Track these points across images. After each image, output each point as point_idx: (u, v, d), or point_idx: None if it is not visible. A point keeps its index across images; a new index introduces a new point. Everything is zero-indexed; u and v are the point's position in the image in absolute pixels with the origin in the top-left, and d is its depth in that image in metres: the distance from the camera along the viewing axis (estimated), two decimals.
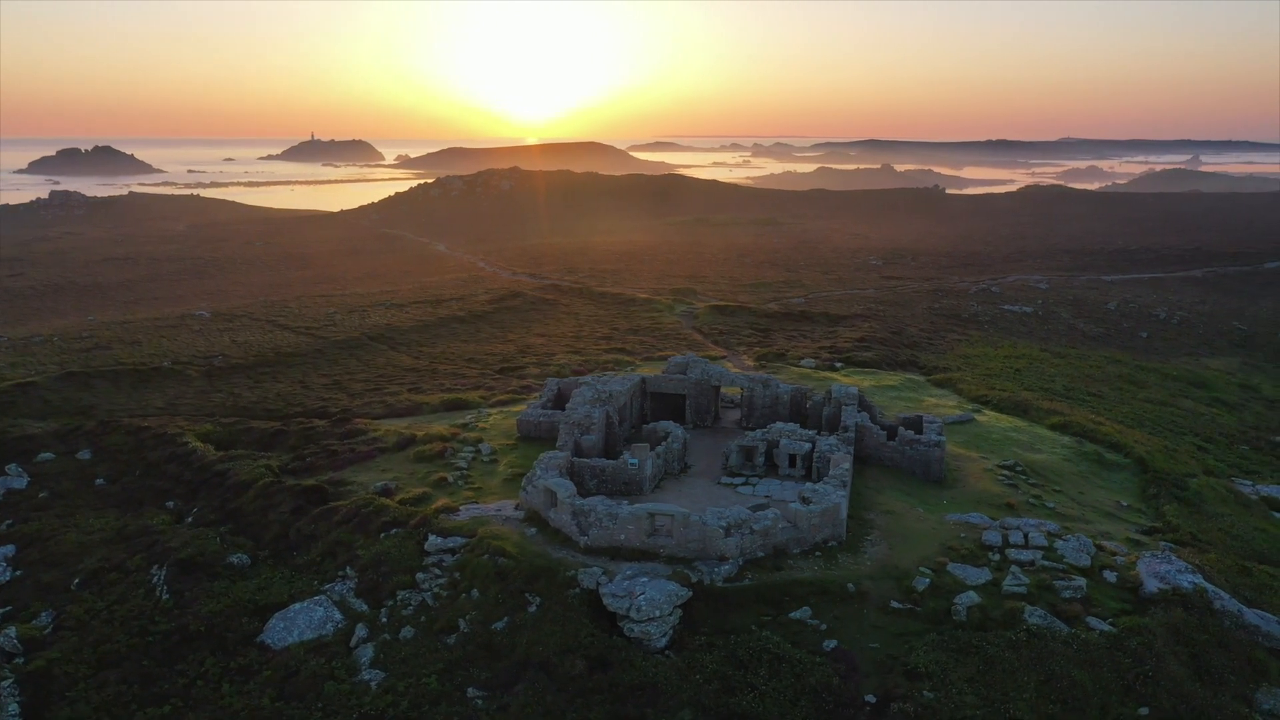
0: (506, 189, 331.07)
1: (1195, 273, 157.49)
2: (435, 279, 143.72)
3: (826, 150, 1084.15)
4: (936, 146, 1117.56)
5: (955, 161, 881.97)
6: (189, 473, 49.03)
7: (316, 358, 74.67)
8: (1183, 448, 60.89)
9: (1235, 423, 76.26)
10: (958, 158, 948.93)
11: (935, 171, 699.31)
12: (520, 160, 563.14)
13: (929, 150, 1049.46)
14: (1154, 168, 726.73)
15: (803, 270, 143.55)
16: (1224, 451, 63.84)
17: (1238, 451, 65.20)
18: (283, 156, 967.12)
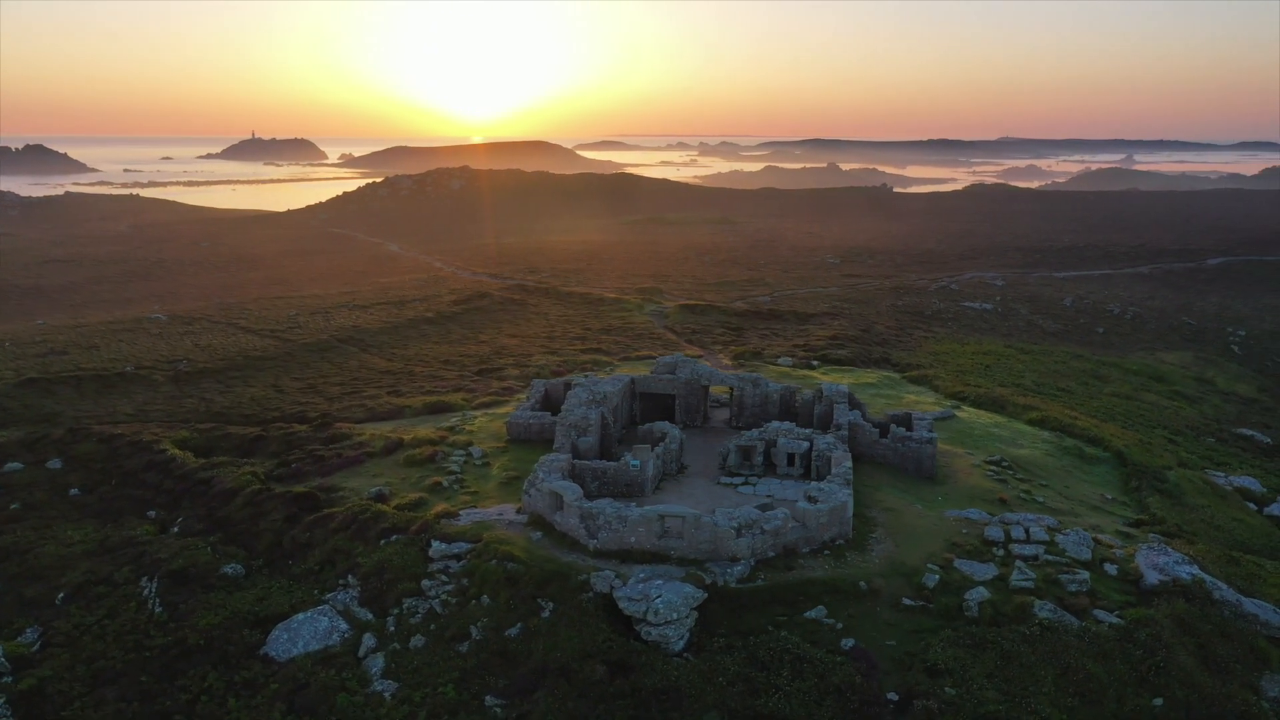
0: (457, 188, 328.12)
1: (1142, 269, 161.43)
2: (393, 279, 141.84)
3: (772, 149, 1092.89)
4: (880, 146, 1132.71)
5: (899, 160, 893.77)
6: (169, 481, 47.64)
7: (287, 361, 73.12)
8: (1155, 441, 62.24)
9: (1197, 415, 78.23)
10: (901, 157, 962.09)
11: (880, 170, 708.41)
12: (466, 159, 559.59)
13: (873, 149, 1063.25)
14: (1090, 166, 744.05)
15: (764, 269, 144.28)
16: (1193, 444, 65.39)
17: (1205, 444, 66.85)
18: (223, 155, 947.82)
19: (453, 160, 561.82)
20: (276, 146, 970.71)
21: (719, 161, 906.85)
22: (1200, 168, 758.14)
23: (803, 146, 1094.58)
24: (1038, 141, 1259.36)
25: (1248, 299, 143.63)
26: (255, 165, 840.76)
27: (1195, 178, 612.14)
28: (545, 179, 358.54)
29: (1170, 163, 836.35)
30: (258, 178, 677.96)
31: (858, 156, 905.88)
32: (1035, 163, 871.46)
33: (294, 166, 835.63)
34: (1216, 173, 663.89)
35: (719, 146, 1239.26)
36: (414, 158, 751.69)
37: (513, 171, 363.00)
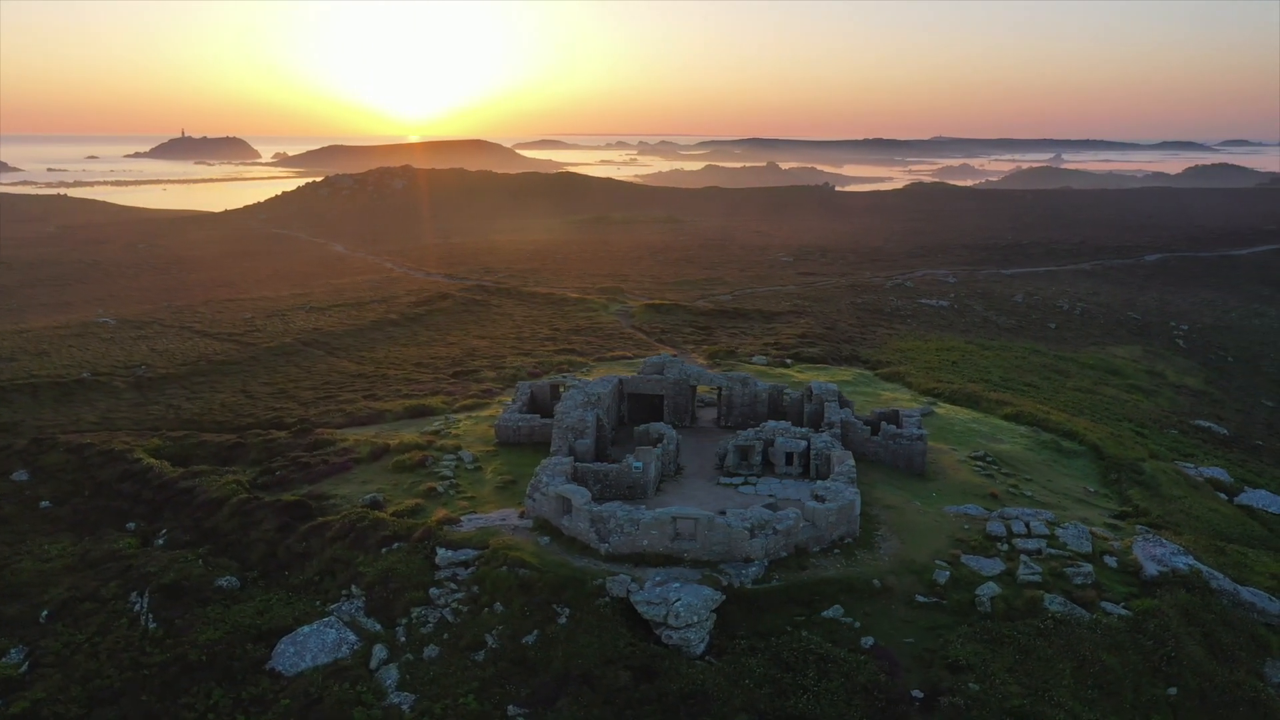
0: (399, 188, 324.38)
1: (1084, 266, 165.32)
2: (346, 281, 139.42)
3: (711, 148, 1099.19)
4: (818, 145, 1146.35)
5: (836, 159, 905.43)
6: (148, 491, 46.05)
7: (252, 365, 71.25)
8: (1124, 434, 63.65)
9: (1154, 408, 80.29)
10: (839, 156, 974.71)
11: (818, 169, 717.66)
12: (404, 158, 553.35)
13: (811, 148, 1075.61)
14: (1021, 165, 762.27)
15: (720, 268, 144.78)
16: (1158, 436, 67.05)
17: (1169, 436, 68.61)
18: (151, 154, 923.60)
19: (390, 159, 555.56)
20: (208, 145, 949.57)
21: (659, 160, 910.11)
22: (1126, 166, 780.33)
23: (742, 145, 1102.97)
24: (970, 141, 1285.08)
25: (1186, 294, 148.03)
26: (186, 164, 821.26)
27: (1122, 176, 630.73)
28: (489, 178, 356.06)
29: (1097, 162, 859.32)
30: (189, 177, 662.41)
31: (796, 156, 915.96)
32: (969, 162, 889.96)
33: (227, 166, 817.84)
34: (1142, 171, 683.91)
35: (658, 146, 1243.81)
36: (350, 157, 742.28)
37: (456, 171, 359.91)
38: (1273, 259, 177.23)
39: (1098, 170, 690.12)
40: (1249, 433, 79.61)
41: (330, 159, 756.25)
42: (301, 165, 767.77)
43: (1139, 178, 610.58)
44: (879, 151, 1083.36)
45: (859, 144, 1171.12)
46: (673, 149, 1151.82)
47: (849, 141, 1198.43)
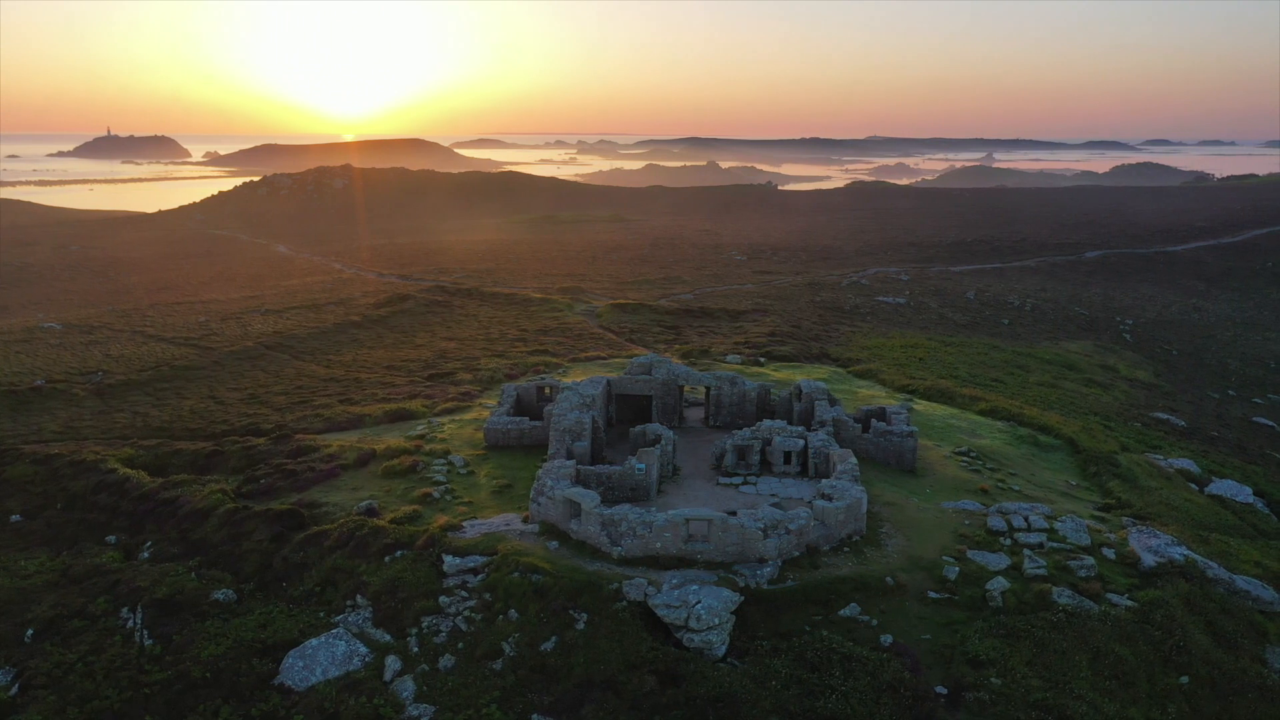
0: (340, 187, 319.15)
1: (1029, 262, 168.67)
2: (295, 282, 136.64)
3: (651, 147, 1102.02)
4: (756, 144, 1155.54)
5: (775, 159, 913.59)
6: (127, 503, 44.45)
7: (217, 370, 69.25)
8: (1094, 427, 65.00)
9: (1113, 401, 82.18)
10: (777, 155, 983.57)
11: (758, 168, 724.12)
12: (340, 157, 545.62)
13: (749, 147, 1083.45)
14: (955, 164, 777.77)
15: (675, 267, 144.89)
16: (1123, 429, 68.60)
17: (1134, 429, 70.26)
18: (76, 153, 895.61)
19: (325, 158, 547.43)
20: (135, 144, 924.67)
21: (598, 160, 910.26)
22: (1055, 165, 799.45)
23: (681, 145, 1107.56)
24: (905, 140, 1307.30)
25: (1127, 289, 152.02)
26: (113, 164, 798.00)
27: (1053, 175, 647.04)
28: (432, 178, 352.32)
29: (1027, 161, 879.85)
30: (117, 177, 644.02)
31: (735, 155, 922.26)
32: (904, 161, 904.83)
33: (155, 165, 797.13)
34: (1071, 170, 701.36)
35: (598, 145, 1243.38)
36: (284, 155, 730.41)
37: (397, 170, 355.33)
38: (1206, 255, 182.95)
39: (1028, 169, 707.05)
40: (1204, 424, 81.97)
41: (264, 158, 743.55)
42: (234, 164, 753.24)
43: (1069, 176, 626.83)
44: (816, 151, 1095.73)
45: (796, 143, 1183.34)
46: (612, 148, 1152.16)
47: (787, 141, 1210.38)
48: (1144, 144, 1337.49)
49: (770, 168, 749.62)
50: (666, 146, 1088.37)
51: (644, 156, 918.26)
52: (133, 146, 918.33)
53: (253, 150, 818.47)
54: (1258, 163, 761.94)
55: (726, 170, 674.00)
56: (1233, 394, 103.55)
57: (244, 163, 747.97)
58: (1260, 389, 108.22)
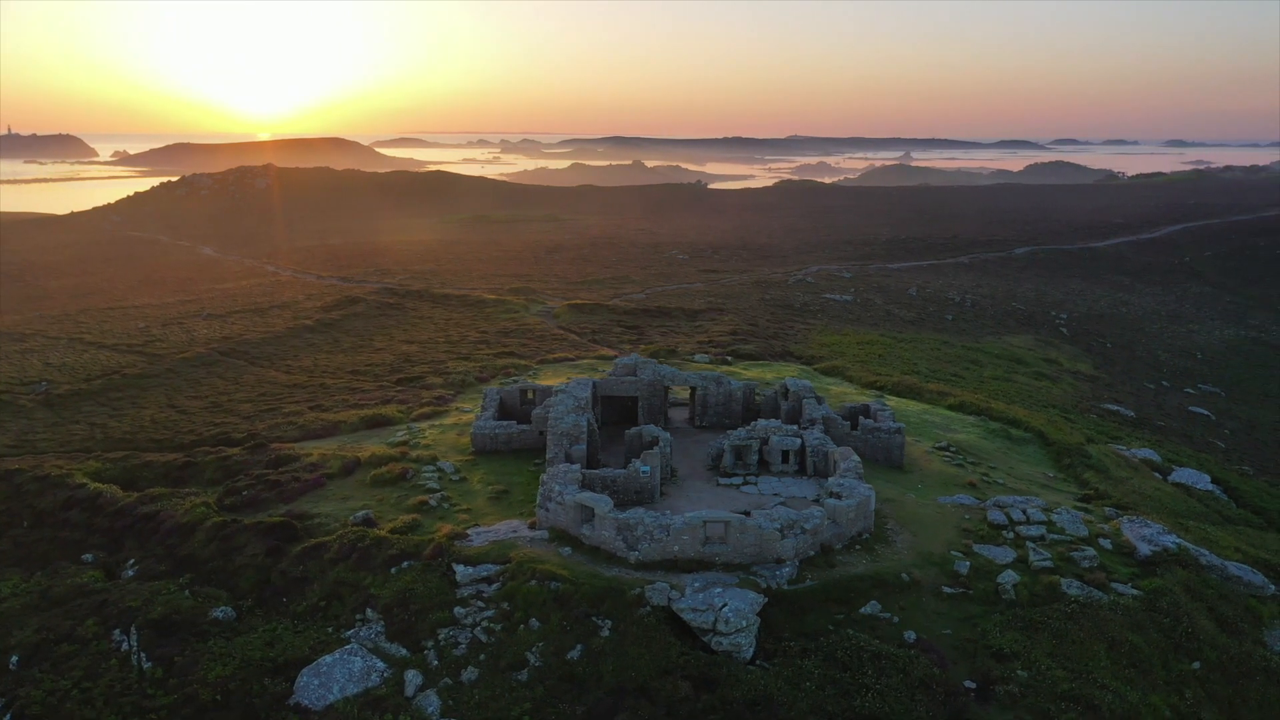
0: (263, 187, 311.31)
1: (963, 259, 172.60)
2: (231, 286, 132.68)
3: (575, 146, 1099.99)
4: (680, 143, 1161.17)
5: (699, 158, 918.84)
6: (102, 519, 42.46)
7: (172, 378, 66.63)
8: (1056, 419, 66.65)
9: (1063, 394, 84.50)
10: (701, 154, 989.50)
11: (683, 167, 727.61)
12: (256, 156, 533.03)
13: (673, 147, 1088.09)
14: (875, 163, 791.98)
15: (620, 266, 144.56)
16: (1082, 420, 70.53)
17: (1091, 420, 72.29)
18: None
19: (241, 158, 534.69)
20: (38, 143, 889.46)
21: (522, 159, 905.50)
22: (970, 164, 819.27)
23: (605, 144, 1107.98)
24: (825, 139, 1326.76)
25: (1057, 284, 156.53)
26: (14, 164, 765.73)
27: (969, 173, 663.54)
28: (358, 177, 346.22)
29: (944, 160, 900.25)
30: (19, 177, 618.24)
31: (660, 154, 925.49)
32: (825, 160, 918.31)
33: (61, 165, 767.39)
34: (986, 168, 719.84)
35: (521, 144, 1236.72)
36: (197, 155, 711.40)
37: (322, 170, 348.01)
38: (1127, 250, 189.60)
39: (946, 167, 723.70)
40: (1150, 415, 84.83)
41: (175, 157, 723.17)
42: (146, 164, 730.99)
43: (986, 174, 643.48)
44: (739, 150, 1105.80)
45: (719, 142, 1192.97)
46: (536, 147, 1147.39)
47: (710, 140, 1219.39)
48: (1053, 143, 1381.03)
49: (695, 167, 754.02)
50: (591, 146, 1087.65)
51: (569, 156, 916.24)
52: (35, 145, 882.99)
53: (164, 149, 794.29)
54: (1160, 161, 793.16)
55: (653, 169, 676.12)
56: (1166, 385, 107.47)
57: (156, 162, 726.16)
58: (1190, 379, 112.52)
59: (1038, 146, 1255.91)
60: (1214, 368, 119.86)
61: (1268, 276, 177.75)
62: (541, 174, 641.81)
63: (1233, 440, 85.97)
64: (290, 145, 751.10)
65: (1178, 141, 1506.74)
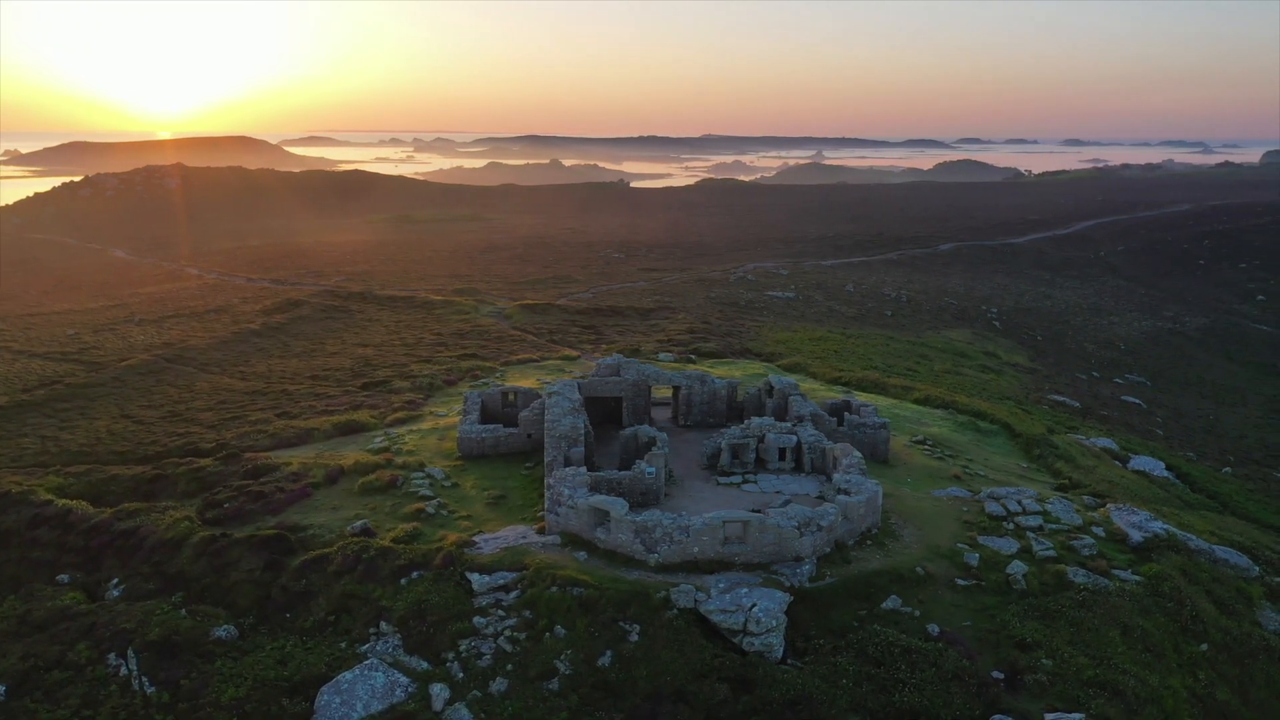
0: (173, 187, 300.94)
1: (891, 255, 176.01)
2: (155, 290, 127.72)
3: (490, 145, 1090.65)
4: (596, 142, 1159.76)
5: (615, 156, 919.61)
6: (75, 537, 40.23)
7: (119, 387, 63.56)
8: (1017, 411, 68.29)
9: (1009, 386, 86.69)
10: (617, 153, 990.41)
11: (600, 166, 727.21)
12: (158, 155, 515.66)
13: (589, 145, 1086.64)
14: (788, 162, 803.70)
15: (558, 265, 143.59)
16: (1038, 412, 72.42)
17: (1043, 411, 74.29)
18: None
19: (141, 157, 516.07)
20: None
21: (437, 158, 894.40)
22: (881, 162, 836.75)
23: (521, 143, 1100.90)
24: (739, 139, 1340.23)
25: (983, 279, 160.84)
26: None
27: (881, 171, 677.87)
28: (273, 177, 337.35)
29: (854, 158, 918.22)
30: None
31: (577, 153, 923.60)
32: (740, 158, 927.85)
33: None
34: (897, 166, 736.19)
35: (434, 143, 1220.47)
36: (95, 154, 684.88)
37: (235, 169, 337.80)
38: (1045, 245, 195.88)
39: (858, 166, 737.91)
40: (1092, 404, 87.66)
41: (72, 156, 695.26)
42: (40, 163, 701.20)
43: (897, 172, 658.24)
44: (654, 149, 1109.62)
45: (635, 141, 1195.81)
46: (450, 146, 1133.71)
47: (626, 139, 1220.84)
48: (958, 142, 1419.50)
49: (612, 165, 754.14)
50: (506, 145, 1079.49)
51: (485, 155, 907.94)
52: None
53: (59, 148, 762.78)
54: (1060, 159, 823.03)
55: (571, 168, 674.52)
56: (1096, 375, 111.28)
57: (50, 161, 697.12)
58: (1117, 369, 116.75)
59: (944, 145, 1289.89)
60: (1137, 358, 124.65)
61: (1176, 270, 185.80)
62: (458, 173, 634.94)
63: (1167, 428, 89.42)
64: (195, 144, 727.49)
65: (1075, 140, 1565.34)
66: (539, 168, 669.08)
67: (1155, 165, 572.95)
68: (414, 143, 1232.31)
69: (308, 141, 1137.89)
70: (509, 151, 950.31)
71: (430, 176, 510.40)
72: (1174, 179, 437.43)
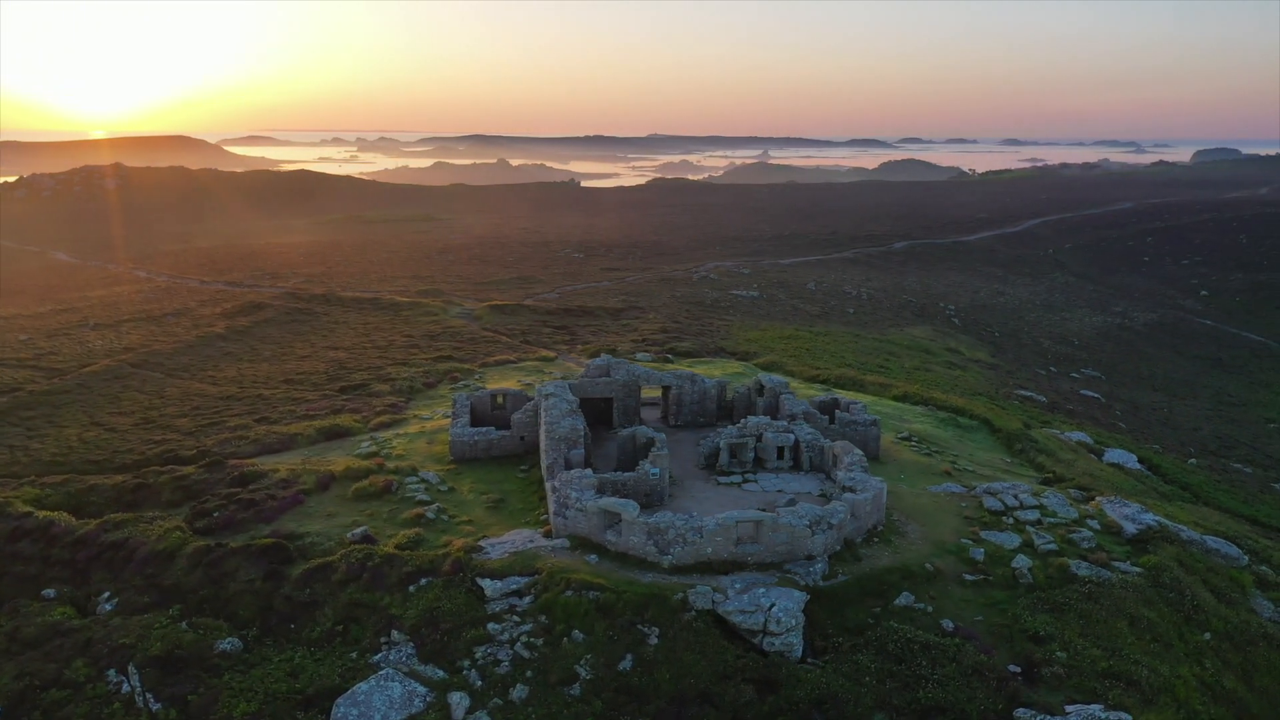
0: (113, 188, 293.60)
1: (847, 254, 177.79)
2: (105, 293, 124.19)
3: (435, 145, 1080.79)
4: (542, 141, 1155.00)
5: (562, 156, 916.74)
6: (60, 550, 38.81)
7: (85, 394, 61.50)
8: (993, 407, 69.22)
9: (977, 382, 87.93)
10: (563, 152, 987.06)
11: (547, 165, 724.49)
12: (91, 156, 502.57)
13: (536, 145, 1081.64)
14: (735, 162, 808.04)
15: (520, 265, 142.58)
16: (1011, 407, 73.52)
17: (1014, 406, 75.45)
18: None
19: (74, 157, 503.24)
20: None
21: (381, 157, 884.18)
22: (826, 161, 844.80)
23: (466, 142, 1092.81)
24: (685, 138, 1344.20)
25: (937, 277, 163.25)
26: None
27: (827, 170, 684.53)
28: (215, 177, 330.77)
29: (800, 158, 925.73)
30: None
31: (523, 152, 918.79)
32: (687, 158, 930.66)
33: None
34: (842, 166, 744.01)
35: (379, 142, 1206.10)
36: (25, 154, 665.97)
37: (176, 169, 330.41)
38: (996, 243, 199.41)
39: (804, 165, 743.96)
40: (1057, 399, 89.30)
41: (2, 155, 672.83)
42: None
43: (843, 171, 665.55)
44: (601, 148, 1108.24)
45: (581, 140, 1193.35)
46: (395, 145, 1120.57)
47: (572, 138, 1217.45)
48: (900, 142, 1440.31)
49: (559, 165, 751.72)
50: (452, 144, 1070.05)
51: (431, 154, 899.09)
52: None
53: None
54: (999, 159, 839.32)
55: (518, 168, 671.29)
56: (1054, 370, 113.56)
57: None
58: (1073, 364, 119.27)
59: (887, 145, 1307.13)
60: (1091, 353, 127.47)
61: (1123, 266, 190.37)
62: (404, 173, 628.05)
63: (1128, 421, 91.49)
64: (132, 144, 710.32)
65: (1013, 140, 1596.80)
66: (486, 167, 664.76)
67: (1093, 164, 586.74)
68: (357, 142, 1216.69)
69: (248, 141, 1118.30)
70: (455, 151, 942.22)
71: (376, 176, 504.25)
72: (1112, 178, 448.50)
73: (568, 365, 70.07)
